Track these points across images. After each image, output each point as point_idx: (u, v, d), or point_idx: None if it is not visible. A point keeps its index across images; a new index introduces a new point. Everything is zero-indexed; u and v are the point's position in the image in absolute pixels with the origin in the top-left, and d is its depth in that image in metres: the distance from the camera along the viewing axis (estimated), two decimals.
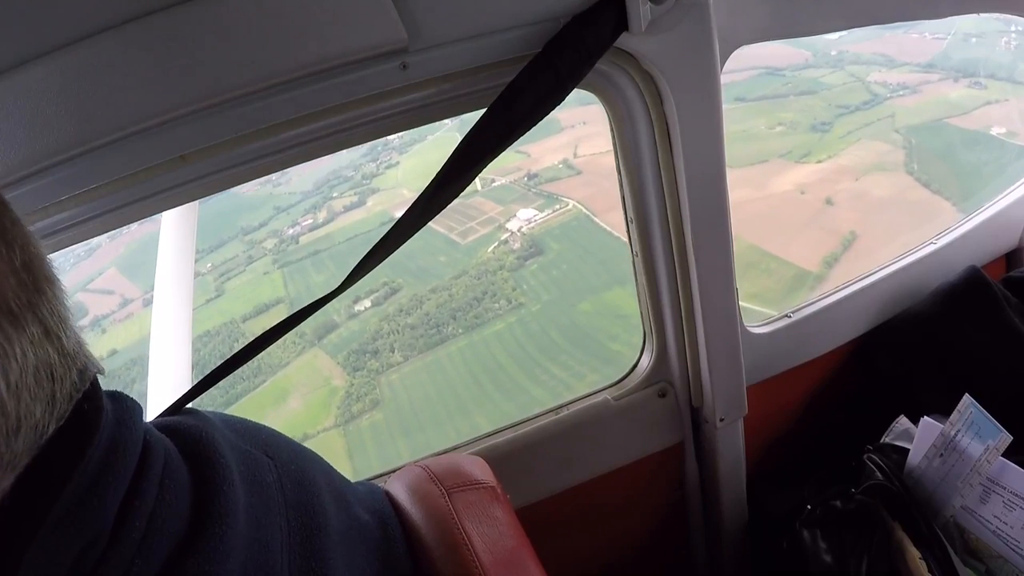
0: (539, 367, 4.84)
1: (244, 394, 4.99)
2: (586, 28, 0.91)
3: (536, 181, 5.97)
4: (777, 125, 5.45)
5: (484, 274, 5.43)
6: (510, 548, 0.69)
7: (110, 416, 0.48)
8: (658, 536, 1.58)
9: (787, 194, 5.06)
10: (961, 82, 5.10)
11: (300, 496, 0.59)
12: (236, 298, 5.84)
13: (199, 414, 0.62)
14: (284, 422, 4.88)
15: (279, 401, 5.07)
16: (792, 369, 1.51)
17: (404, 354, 5.14)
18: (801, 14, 1.15)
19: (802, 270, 4.51)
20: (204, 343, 5.32)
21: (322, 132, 0.93)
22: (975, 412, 1.17)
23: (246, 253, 6.20)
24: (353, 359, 5.17)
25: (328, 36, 0.82)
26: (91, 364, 0.48)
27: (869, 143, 5.18)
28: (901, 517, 1.23)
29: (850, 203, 4.93)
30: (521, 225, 5.65)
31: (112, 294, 5.87)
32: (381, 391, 4.95)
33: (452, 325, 5.19)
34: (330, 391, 5.05)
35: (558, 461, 1.37)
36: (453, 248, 5.55)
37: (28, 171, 0.78)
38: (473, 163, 0.92)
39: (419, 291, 5.41)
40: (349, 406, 4.88)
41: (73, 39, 0.74)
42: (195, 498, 0.51)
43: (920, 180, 4.77)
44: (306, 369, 5.20)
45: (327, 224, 6.19)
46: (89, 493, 0.44)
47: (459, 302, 5.29)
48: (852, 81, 5.57)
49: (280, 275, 5.87)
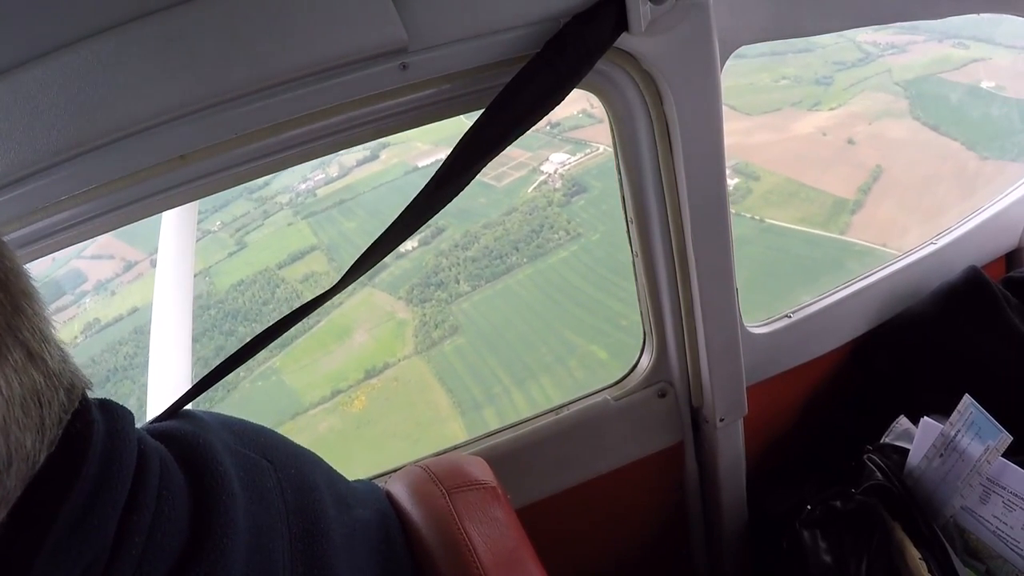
0: (615, 285, 5.01)
1: (300, 335, 5.13)
2: (586, 28, 0.91)
3: (559, 129, 6.13)
4: (781, 79, 5.79)
5: (534, 210, 5.65)
6: (510, 548, 0.70)
7: (101, 429, 0.47)
8: (658, 536, 1.58)
9: (810, 136, 5.45)
10: (945, 43, 5.57)
11: (301, 500, 0.59)
12: (262, 249, 6.00)
13: (196, 418, 0.61)
14: (356, 356, 5.06)
15: (342, 338, 5.22)
16: (792, 369, 1.51)
17: (471, 284, 5.33)
18: (801, 14, 1.15)
19: (839, 198, 4.87)
20: (240, 292, 5.50)
21: (322, 132, 0.93)
22: (975, 412, 1.17)
23: (259, 209, 6.35)
24: (418, 292, 5.34)
25: (328, 36, 0.82)
26: (78, 380, 0.47)
27: (873, 94, 5.53)
28: (901, 517, 1.23)
29: (869, 142, 5.32)
30: (556, 168, 5.82)
31: (112, 258, 5.95)
32: (457, 318, 5.14)
33: (515, 255, 5.39)
34: (397, 324, 5.22)
35: (558, 461, 1.37)
36: (490, 191, 5.77)
37: (28, 171, 0.78)
38: (473, 161, 0.91)
39: (468, 229, 5.62)
40: (428, 334, 5.06)
41: (73, 39, 0.74)
42: (194, 508, 0.50)
43: (927, 124, 5.16)
44: (362, 307, 5.36)
45: (342, 177, 6.37)
46: (86, 514, 0.43)
47: (517, 235, 5.50)
48: (843, 41, 5.89)
49: (306, 225, 6.03)
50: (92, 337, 5.39)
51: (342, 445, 4.68)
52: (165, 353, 1.63)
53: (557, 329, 5.06)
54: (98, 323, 5.54)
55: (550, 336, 5.06)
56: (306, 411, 4.82)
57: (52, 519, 0.41)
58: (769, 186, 5.21)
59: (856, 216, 4.79)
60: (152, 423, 0.61)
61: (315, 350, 5.19)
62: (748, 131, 5.51)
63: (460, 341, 5.05)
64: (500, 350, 4.97)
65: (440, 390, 4.87)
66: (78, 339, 5.41)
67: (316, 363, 5.18)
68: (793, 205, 4.96)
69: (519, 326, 5.19)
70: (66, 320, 5.49)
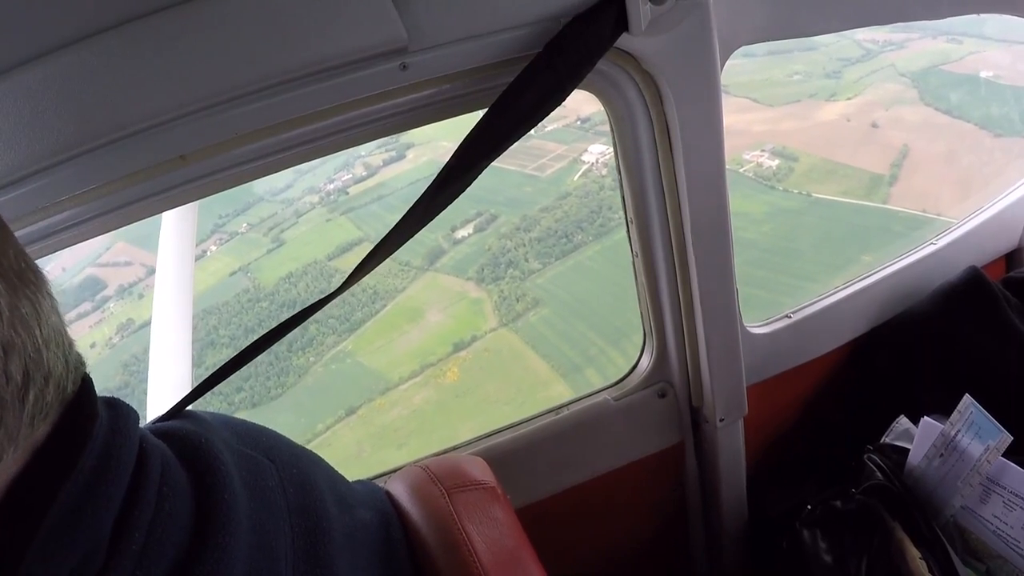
0: None
1: (367, 319, 5.39)
2: (586, 28, 0.91)
3: (589, 124, 6.30)
4: (794, 75, 6.16)
5: (588, 194, 5.88)
6: (510, 548, 0.70)
7: (104, 423, 0.47)
8: (658, 536, 1.58)
9: (834, 122, 5.86)
10: (939, 38, 6.01)
11: (303, 500, 0.59)
12: (303, 244, 6.28)
13: (198, 418, 0.61)
14: (437, 333, 5.31)
15: (415, 319, 5.46)
16: (792, 369, 1.51)
17: (542, 262, 5.56)
18: (801, 14, 1.15)
19: (875, 173, 5.32)
20: (292, 284, 5.77)
21: (322, 132, 0.93)
22: (975, 412, 1.17)
23: (288, 209, 6.63)
24: (489, 272, 5.57)
25: (328, 36, 0.82)
26: (79, 355, 0.49)
27: (882, 85, 5.93)
28: (901, 517, 1.23)
29: (891, 126, 5.75)
30: (597, 157, 5.98)
31: (131, 264, 6.13)
32: (535, 293, 5.37)
33: (580, 235, 5.62)
34: (471, 302, 5.44)
35: (558, 461, 1.37)
36: (534, 181, 6.00)
37: (28, 171, 0.78)
38: (474, 163, 0.92)
39: (522, 214, 5.87)
40: (510, 307, 5.28)
41: (73, 39, 0.74)
42: (196, 507, 0.50)
43: (940, 110, 5.61)
44: (429, 290, 5.60)
45: (371, 176, 6.66)
46: (83, 502, 0.43)
47: (577, 216, 5.72)
48: (843, 39, 6.24)
49: (346, 220, 6.33)
50: (128, 337, 5.55)
51: (441, 415, 4.85)
52: (165, 355, 1.63)
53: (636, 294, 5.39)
54: (132, 323, 5.71)
55: (631, 301, 5.10)
56: (396, 386, 4.99)
57: (46, 508, 0.42)
58: (808, 166, 5.57)
59: (893, 188, 5.25)
60: (155, 422, 0.62)
61: (388, 332, 5.41)
62: (775, 120, 5.88)
63: (544, 312, 5.26)
64: (587, 316, 5.18)
65: (535, 356, 5.07)
66: (113, 339, 5.57)
67: (392, 343, 5.37)
68: (834, 181, 5.38)
69: (600, 295, 5.38)
70: (92, 325, 5.66)
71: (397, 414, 4.78)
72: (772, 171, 5.45)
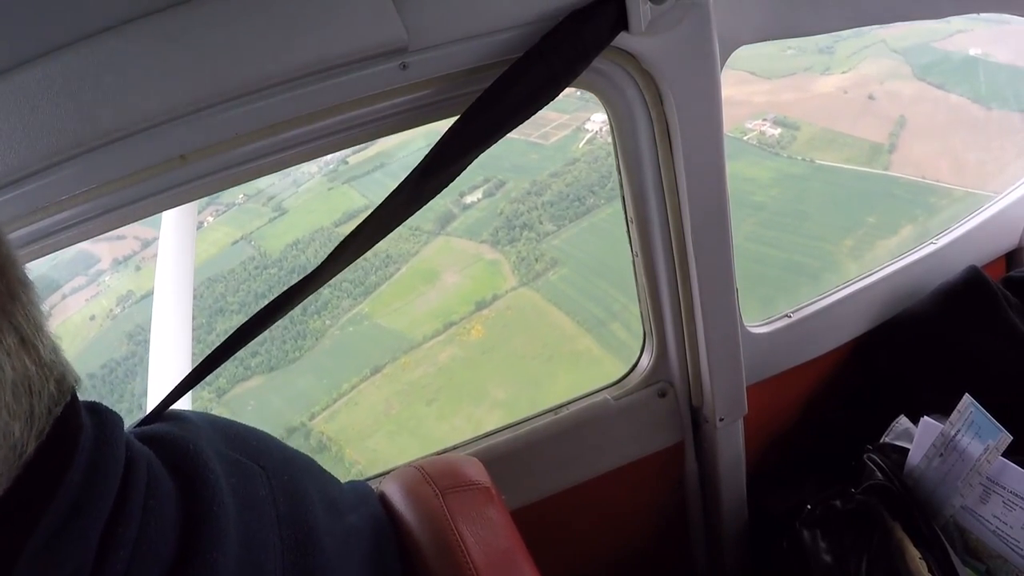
0: None
1: (382, 282, 5.40)
2: (584, 25, 0.90)
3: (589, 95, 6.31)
4: (787, 49, 6.28)
5: (597, 159, 5.91)
6: (504, 549, 0.70)
7: (90, 434, 0.45)
8: (658, 536, 1.58)
9: (832, 94, 6.05)
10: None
11: (293, 509, 0.57)
12: (307, 212, 6.28)
13: (186, 421, 0.59)
14: (456, 293, 5.35)
15: (431, 280, 5.48)
16: (792, 368, 1.51)
17: (556, 224, 5.60)
18: (801, 14, 1.15)
19: (874, 142, 5.51)
20: (300, 251, 5.74)
21: (322, 132, 0.92)
22: (975, 412, 1.17)
23: (287, 179, 6.62)
24: (504, 234, 5.61)
25: (328, 36, 0.82)
26: (68, 373, 0.46)
27: (875, 60, 6.09)
28: (901, 517, 1.23)
29: (888, 98, 5.95)
30: (601, 126, 5.99)
31: (124, 239, 6.12)
32: (552, 253, 5.43)
33: (592, 198, 5.66)
34: (488, 263, 5.47)
35: (557, 461, 1.37)
36: (539, 148, 6.04)
37: (28, 171, 0.78)
38: (462, 152, 0.90)
39: (531, 179, 5.91)
40: (529, 267, 5.32)
41: (73, 39, 0.74)
42: (183, 518, 0.48)
43: (933, 84, 5.79)
44: (442, 254, 5.63)
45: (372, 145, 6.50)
46: (69, 522, 0.41)
47: (588, 181, 5.75)
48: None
49: (349, 188, 6.33)
50: (130, 307, 5.49)
51: (470, 370, 4.87)
52: (165, 352, 1.63)
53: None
54: (133, 295, 5.61)
55: None
56: (420, 345, 4.99)
57: (32, 526, 0.40)
58: (809, 135, 5.71)
59: (893, 156, 5.43)
60: (139, 426, 0.60)
61: (405, 294, 5.44)
62: (774, 91, 6.03)
63: (564, 271, 5.30)
64: (607, 275, 5.21)
65: (559, 313, 5.11)
66: (114, 310, 5.49)
67: (410, 305, 5.38)
68: (835, 149, 5.58)
69: (617, 254, 5.50)
70: (88, 298, 5.58)
71: (423, 371, 4.79)
72: (775, 139, 5.57)
